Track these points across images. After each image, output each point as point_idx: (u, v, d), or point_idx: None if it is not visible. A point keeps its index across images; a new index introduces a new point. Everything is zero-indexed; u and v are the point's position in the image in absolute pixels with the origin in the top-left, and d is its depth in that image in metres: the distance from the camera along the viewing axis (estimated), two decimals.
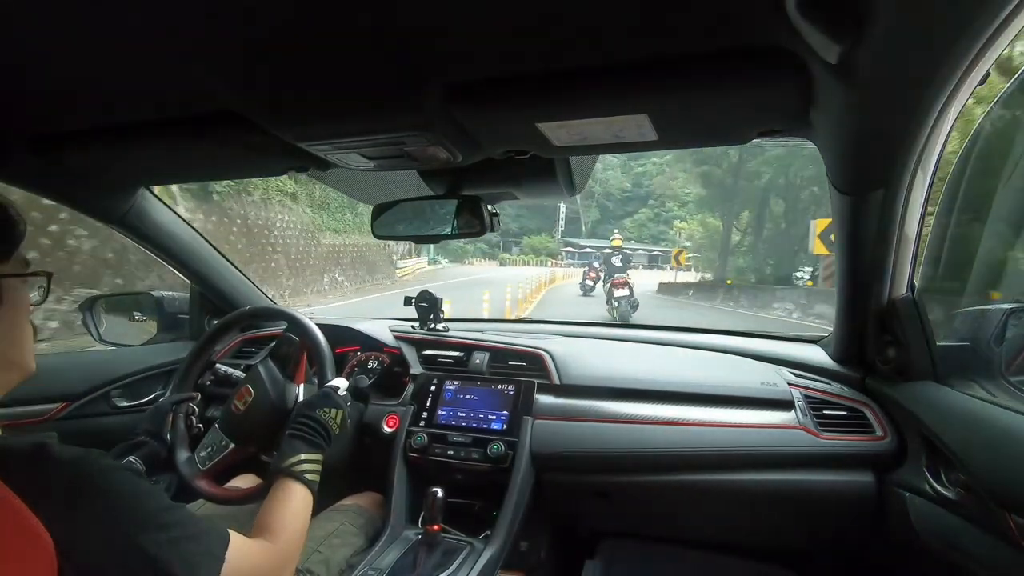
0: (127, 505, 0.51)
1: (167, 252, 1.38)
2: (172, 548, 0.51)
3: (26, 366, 0.59)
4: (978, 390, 0.88)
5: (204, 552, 0.55)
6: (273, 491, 0.76)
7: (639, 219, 52.31)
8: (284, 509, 0.74)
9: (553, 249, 48.44)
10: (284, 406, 0.98)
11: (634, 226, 51.39)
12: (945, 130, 0.67)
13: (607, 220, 54.19)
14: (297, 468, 0.79)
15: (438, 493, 1.03)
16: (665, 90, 0.63)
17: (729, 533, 1.25)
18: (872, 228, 0.85)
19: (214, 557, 0.56)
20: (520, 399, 1.20)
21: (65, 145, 0.88)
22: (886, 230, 0.85)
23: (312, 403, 0.90)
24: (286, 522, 0.72)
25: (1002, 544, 0.71)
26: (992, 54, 0.50)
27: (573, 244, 50.13)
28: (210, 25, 0.55)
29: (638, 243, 47.82)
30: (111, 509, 0.50)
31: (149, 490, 0.54)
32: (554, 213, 54.41)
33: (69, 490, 0.49)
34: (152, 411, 1.01)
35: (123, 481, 0.52)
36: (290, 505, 0.75)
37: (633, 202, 53.92)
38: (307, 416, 0.87)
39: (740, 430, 1.08)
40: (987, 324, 0.93)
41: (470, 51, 0.59)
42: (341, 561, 0.98)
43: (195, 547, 0.54)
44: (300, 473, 0.79)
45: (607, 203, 56.41)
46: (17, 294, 0.57)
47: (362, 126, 0.75)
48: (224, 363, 1.29)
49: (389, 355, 1.39)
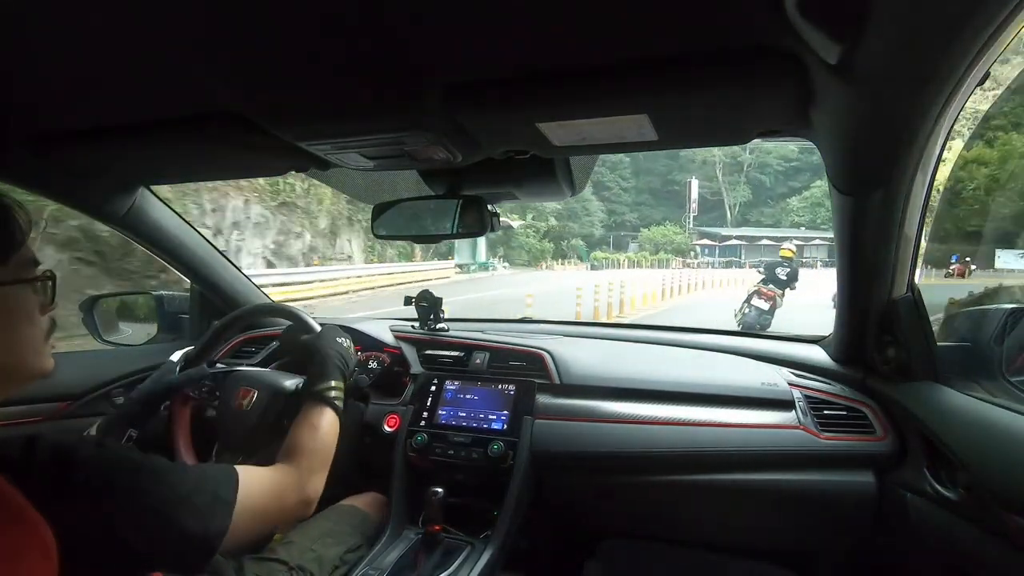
0: (126, 475, 0.52)
1: (167, 251, 1.39)
2: (180, 506, 0.52)
3: (27, 370, 0.58)
4: (978, 390, 0.88)
5: (212, 500, 0.56)
6: (304, 415, 0.80)
7: (812, 196, 35.94)
8: (315, 432, 0.78)
9: (683, 243, 34.97)
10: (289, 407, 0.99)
11: (805, 207, 36.35)
12: (945, 130, 0.67)
13: (762, 201, 40.07)
14: (328, 393, 0.84)
15: (438, 493, 1.04)
16: (665, 90, 0.63)
17: (729, 533, 1.25)
18: (872, 228, 0.85)
19: (223, 501, 0.57)
20: (520, 399, 1.20)
21: (65, 145, 0.88)
22: (886, 230, 0.85)
23: (328, 335, 0.94)
24: (317, 444, 0.76)
25: (1002, 544, 0.71)
26: (992, 54, 0.50)
27: (711, 235, 35.80)
28: (210, 25, 0.55)
29: (812, 230, 33.57)
30: (110, 483, 0.51)
31: (143, 457, 0.55)
32: (683, 197, 39.58)
33: (65, 479, 0.49)
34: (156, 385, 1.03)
35: (118, 454, 0.54)
36: (321, 427, 0.79)
37: (801, 174, 37.76)
38: (328, 346, 0.91)
39: (740, 430, 1.08)
40: (987, 324, 0.94)
41: (470, 51, 0.59)
42: (334, 558, 0.99)
43: (201, 499, 0.55)
44: (332, 399, 0.83)
45: (761, 177, 40.01)
46: (15, 299, 0.56)
47: (362, 126, 0.75)
48: (224, 362, 1.29)
49: (389, 355, 1.39)
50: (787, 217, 37.05)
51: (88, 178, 1.08)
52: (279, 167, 0.97)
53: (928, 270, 3.67)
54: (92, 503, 0.49)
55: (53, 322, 0.61)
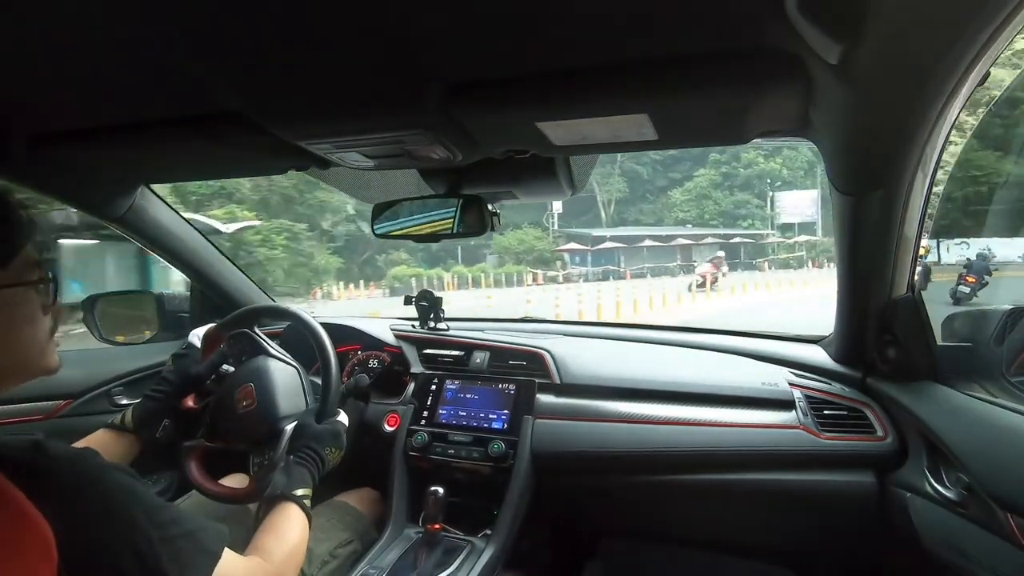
0: (122, 503, 0.51)
1: (167, 250, 1.39)
2: (164, 546, 0.51)
3: (31, 369, 0.58)
4: (979, 390, 0.88)
5: (196, 550, 0.55)
6: (275, 514, 0.77)
7: (697, 187, 30.36)
8: (286, 533, 0.74)
9: (545, 251, 26.40)
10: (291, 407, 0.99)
11: (690, 200, 30.28)
12: (945, 130, 0.67)
13: (640, 196, 32.87)
14: (303, 498, 0.80)
15: (439, 492, 1.04)
16: (665, 90, 0.63)
17: (729, 533, 1.25)
18: (872, 228, 0.85)
19: (208, 553, 0.56)
20: (520, 398, 1.20)
21: (65, 143, 0.88)
22: (886, 230, 0.85)
23: (322, 437, 0.90)
24: (287, 546, 0.72)
25: (1003, 544, 0.71)
26: (992, 54, 0.50)
27: (580, 238, 27.35)
28: (211, 24, 0.55)
29: (700, 226, 28.60)
30: (107, 507, 0.50)
31: (143, 490, 0.54)
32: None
33: (69, 486, 0.49)
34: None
35: (118, 480, 0.53)
36: (293, 529, 0.75)
37: (682, 163, 31.57)
38: (315, 450, 0.87)
39: (740, 430, 1.08)
40: (988, 324, 0.94)
41: (470, 51, 0.59)
42: (324, 553, 0.99)
43: (187, 544, 0.54)
44: (304, 504, 0.80)
45: (638, 168, 32.16)
46: (17, 301, 0.56)
47: (362, 125, 0.75)
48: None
49: (390, 354, 1.39)
50: (670, 213, 31.48)
51: (88, 177, 1.09)
52: (279, 166, 0.97)
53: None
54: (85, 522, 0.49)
55: (56, 320, 0.61)
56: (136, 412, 0.95)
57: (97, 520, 0.49)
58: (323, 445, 0.89)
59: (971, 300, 7.61)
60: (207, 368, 1.05)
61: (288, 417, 0.97)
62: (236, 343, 1.09)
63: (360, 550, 1.06)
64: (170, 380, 1.00)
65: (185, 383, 1.02)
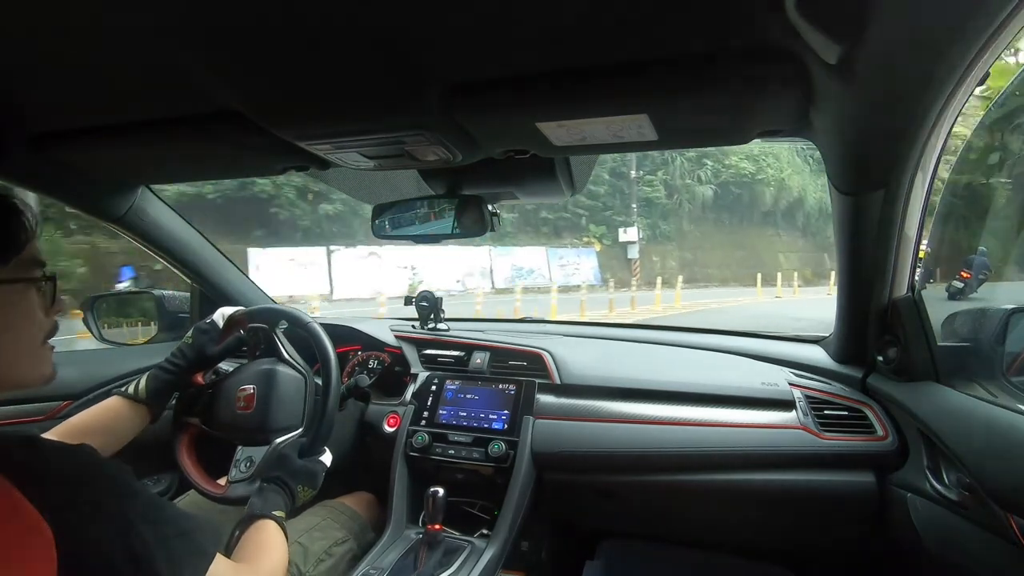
0: (118, 500, 0.51)
1: (167, 251, 1.38)
2: (159, 545, 0.51)
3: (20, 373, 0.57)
4: (979, 390, 0.87)
5: (192, 551, 0.54)
6: (255, 531, 0.77)
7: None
8: (270, 549, 0.75)
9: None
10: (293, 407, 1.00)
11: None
12: (945, 130, 0.67)
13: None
14: (279, 517, 0.81)
15: (439, 492, 1.04)
16: (665, 90, 0.63)
17: (730, 533, 1.25)
18: (872, 228, 0.85)
19: (203, 554, 0.55)
20: (521, 398, 1.20)
21: (65, 144, 0.88)
22: (886, 230, 0.85)
23: (298, 475, 0.90)
24: (272, 561, 0.73)
25: (1003, 544, 0.71)
26: (992, 54, 0.50)
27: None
28: (210, 24, 0.55)
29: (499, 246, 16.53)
30: (104, 503, 0.50)
31: (139, 487, 0.54)
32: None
33: (66, 482, 0.49)
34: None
35: (115, 476, 0.52)
36: (275, 545, 0.76)
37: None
38: (288, 484, 0.88)
39: (741, 430, 1.07)
40: (988, 324, 0.93)
41: (470, 51, 0.59)
42: (319, 551, 0.99)
43: (182, 545, 0.54)
44: (283, 523, 0.81)
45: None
46: (15, 297, 0.55)
47: (362, 125, 0.75)
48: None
49: (390, 354, 1.39)
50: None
51: (88, 177, 1.08)
52: (279, 167, 0.97)
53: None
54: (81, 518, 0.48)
55: (55, 325, 0.60)
56: (149, 384, 0.95)
57: (90, 517, 0.48)
58: (296, 482, 0.89)
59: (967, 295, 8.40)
60: (222, 350, 1.05)
61: (279, 431, 0.98)
62: (255, 335, 1.09)
63: (356, 550, 1.06)
64: (186, 354, 1.01)
65: (200, 359, 1.02)
